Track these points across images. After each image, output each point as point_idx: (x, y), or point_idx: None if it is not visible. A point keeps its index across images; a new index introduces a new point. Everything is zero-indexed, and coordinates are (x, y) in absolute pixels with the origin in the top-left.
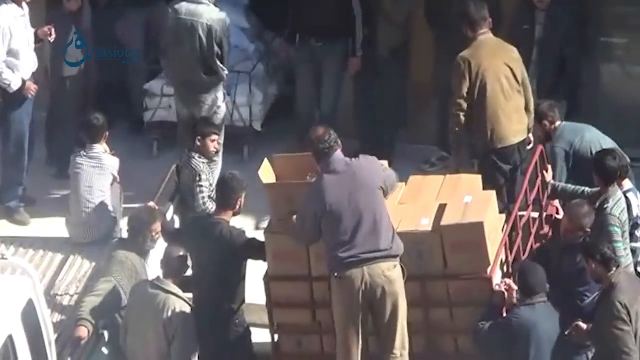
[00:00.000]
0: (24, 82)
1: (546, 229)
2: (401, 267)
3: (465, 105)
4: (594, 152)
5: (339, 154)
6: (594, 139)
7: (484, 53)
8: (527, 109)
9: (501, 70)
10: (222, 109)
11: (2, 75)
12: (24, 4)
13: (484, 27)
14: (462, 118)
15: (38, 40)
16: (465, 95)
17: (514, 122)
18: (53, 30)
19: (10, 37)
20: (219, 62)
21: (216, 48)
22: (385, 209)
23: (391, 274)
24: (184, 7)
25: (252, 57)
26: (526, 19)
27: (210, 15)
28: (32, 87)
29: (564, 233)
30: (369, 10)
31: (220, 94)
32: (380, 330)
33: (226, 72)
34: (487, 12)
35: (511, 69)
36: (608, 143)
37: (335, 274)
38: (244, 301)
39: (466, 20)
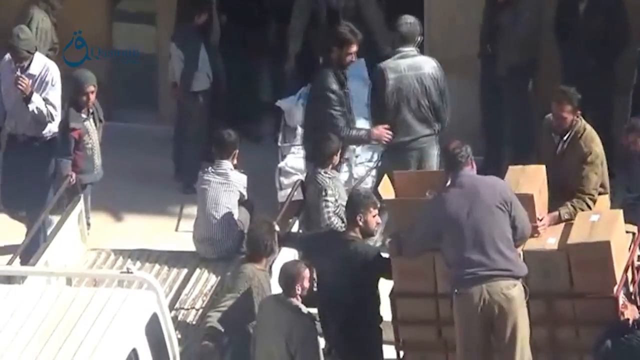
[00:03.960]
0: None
1: None
2: (523, 286)
3: None
4: None
5: (469, 169)
6: None
7: None
8: None
9: None
10: None
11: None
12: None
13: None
14: None
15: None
16: None
17: None
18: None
19: None
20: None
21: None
22: (505, 228)
23: (510, 292)
24: (401, 63)
25: None
26: None
27: (431, 63)
28: None
29: None
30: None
31: None
32: (500, 348)
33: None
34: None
35: None
36: None
37: (455, 291)
38: (381, 319)
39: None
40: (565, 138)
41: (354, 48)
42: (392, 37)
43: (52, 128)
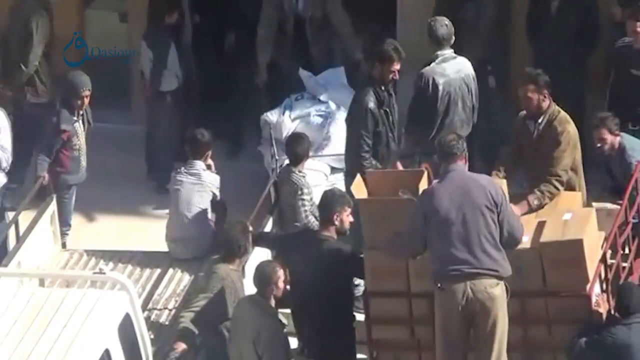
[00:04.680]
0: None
1: None
2: (505, 285)
3: None
4: None
5: (462, 164)
6: None
7: None
8: None
9: None
10: None
11: None
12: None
13: None
14: None
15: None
16: None
17: None
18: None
19: None
20: None
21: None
22: (492, 229)
23: (493, 291)
24: (446, 67)
25: None
26: None
27: (468, 63)
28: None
29: None
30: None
31: None
32: (477, 346)
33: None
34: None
35: None
36: None
37: (438, 285)
38: (353, 317)
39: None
40: (539, 121)
41: (397, 66)
42: (430, 40)
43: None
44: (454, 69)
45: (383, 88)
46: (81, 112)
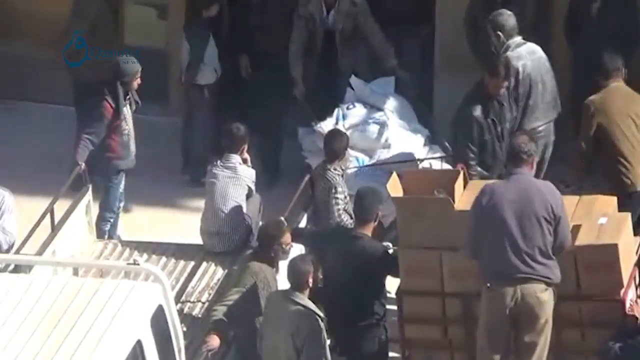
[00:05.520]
0: None
1: None
2: (553, 291)
3: (585, 147)
4: None
5: (527, 169)
6: None
7: (613, 99)
8: None
9: (630, 117)
10: None
11: None
12: None
13: (616, 78)
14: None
15: None
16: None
17: None
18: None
19: None
20: None
21: None
22: (548, 240)
23: (543, 296)
24: (521, 51)
25: None
26: None
27: (539, 48)
28: None
29: None
30: None
31: None
32: (520, 349)
33: None
34: (620, 63)
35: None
36: None
37: (488, 285)
38: (384, 316)
39: (600, 69)
40: None
41: (504, 83)
42: (494, 31)
43: None
44: (528, 52)
45: (490, 100)
46: (128, 96)
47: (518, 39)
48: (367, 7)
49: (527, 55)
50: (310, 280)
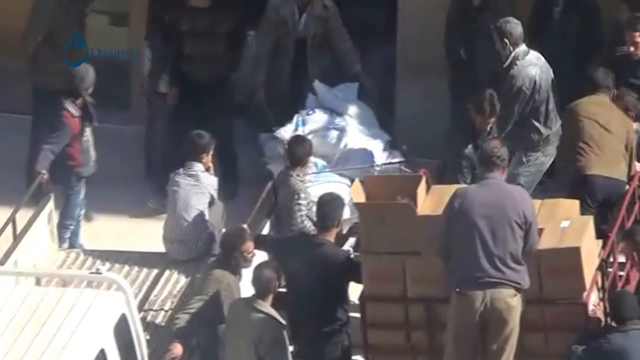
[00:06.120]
0: None
1: None
2: (522, 297)
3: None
4: None
5: (499, 174)
6: None
7: (589, 103)
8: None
9: (597, 121)
10: None
11: None
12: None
13: (603, 93)
14: None
15: None
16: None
17: (606, 160)
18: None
19: None
20: None
21: None
22: (519, 245)
23: (512, 301)
24: (531, 58)
25: None
26: None
27: (540, 55)
28: None
29: None
30: None
31: None
32: (488, 353)
33: None
34: (611, 83)
35: (616, 128)
36: None
37: (457, 290)
38: (347, 322)
39: (590, 82)
40: None
41: (490, 119)
42: (501, 38)
43: None
44: (536, 58)
45: (477, 135)
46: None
47: (523, 47)
48: (337, 11)
49: (536, 61)
50: (275, 286)
